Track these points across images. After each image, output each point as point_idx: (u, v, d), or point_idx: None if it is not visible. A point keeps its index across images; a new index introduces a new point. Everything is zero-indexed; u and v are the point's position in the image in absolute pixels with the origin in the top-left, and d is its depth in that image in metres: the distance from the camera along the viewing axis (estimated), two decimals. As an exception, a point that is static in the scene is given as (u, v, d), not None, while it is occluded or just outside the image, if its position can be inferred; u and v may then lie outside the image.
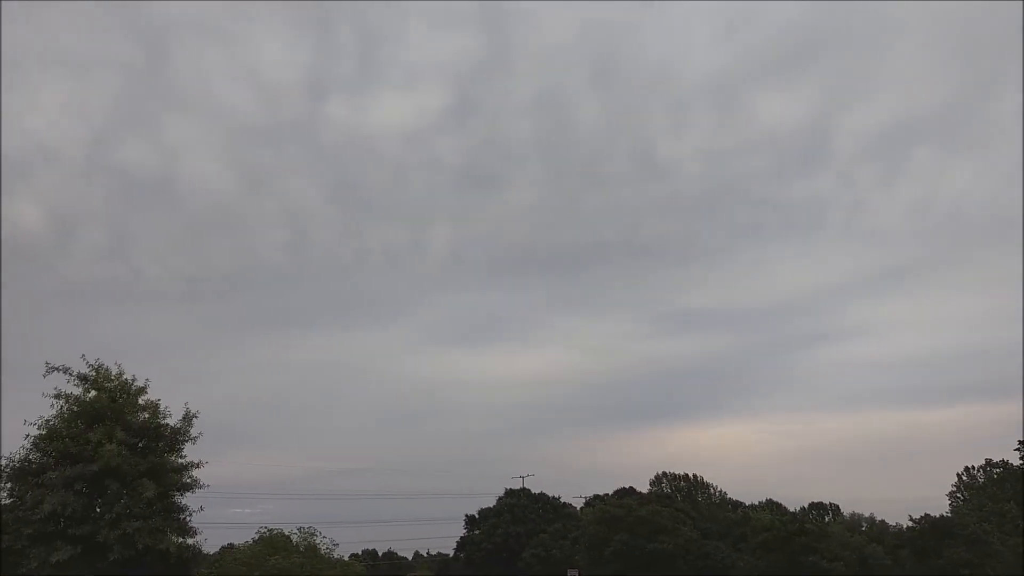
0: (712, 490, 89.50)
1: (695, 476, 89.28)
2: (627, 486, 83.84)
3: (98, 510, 23.71)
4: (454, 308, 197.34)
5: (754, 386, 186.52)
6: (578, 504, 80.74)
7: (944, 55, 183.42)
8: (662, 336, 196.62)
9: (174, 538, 24.67)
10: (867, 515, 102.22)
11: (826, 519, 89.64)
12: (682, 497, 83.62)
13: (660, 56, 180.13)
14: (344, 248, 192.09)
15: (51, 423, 24.28)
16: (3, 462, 23.87)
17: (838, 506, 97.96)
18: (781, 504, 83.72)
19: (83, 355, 25.40)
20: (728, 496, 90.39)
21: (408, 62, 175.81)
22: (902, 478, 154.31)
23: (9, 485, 23.76)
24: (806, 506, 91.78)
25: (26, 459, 23.97)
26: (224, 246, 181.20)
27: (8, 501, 23.71)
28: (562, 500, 75.82)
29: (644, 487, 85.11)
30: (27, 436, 24.27)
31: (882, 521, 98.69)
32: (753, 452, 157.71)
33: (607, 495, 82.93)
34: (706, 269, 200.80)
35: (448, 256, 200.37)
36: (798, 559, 53.49)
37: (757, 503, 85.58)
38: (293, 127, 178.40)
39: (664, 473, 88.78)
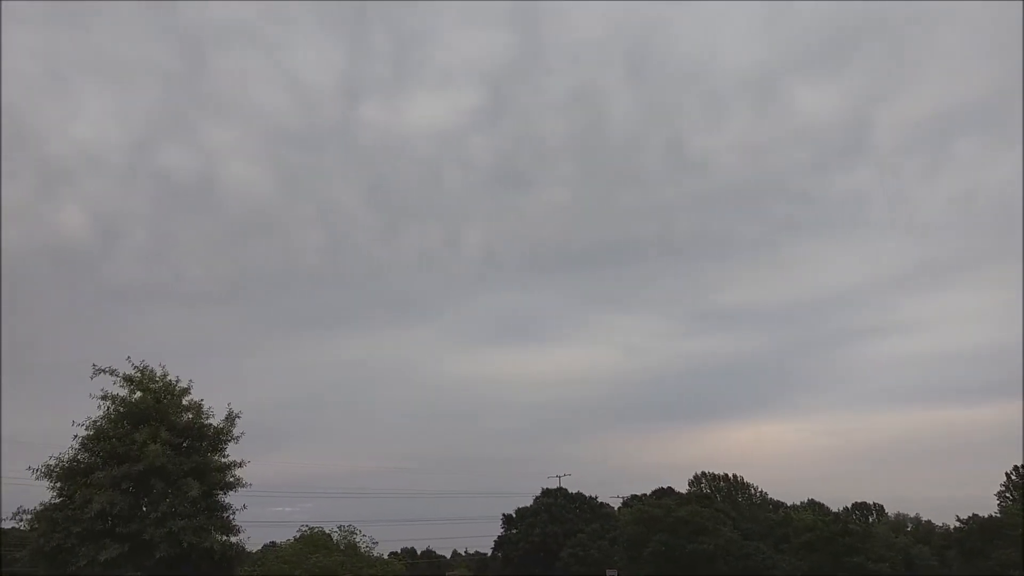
0: (752, 490, 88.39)
1: (734, 476, 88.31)
2: (665, 486, 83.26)
3: (144, 509, 24.15)
4: (489, 307, 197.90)
5: (794, 384, 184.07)
6: (615, 504, 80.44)
7: (987, 44, 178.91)
8: (699, 334, 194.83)
9: (218, 536, 25.02)
10: (912, 515, 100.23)
11: (870, 519, 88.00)
12: (722, 497, 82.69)
13: (694, 50, 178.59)
14: (380, 249, 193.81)
15: (98, 424, 24.85)
16: (52, 462, 24.47)
17: (882, 506, 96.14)
18: (823, 504, 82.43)
19: (128, 357, 25.95)
20: (769, 496, 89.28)
21: (441, 62, 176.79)
22: (948, 477, 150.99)
23: (59, 485, 24.31)
24: (849, 506, 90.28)
25: (74, 459, 24.52)
26: (263, 248, 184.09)
27: (58, 500, 24.27)
28: (599, 500, 75.57)
29: (682, 487, 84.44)
30: (75, 436, 24.88)
31: (928, 521, 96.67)
32: (794, 451, 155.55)
33: (645, 495, 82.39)
34: (743, 265, 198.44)
35: (482, 255, 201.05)
36: (842, 560, 52.56)
37: (799, 503, 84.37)
38: (329, 130, 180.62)
39: (703, 473, 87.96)
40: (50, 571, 23.91)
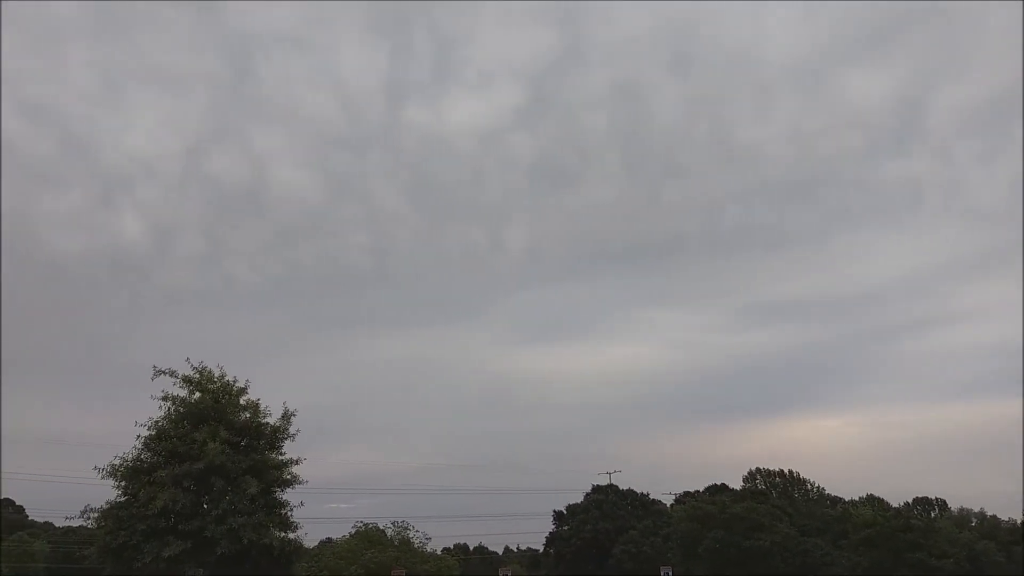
0: (809, 486, 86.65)
1: (790, 471, 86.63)
2: (718, 483, 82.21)
3: (205, 506, 24.72)
4: (533, 305, 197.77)
5: (850, 377, 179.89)
6: (667, 501, 79.69)
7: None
8: (750, 328, 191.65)
9: (277, 533, 25.49)
10: (977, 510, 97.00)
11: (932, 515, 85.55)
12: (777, 493, 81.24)
13: (740, 40, 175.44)
14: (424, 249, 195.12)
15: (160, 424, 25.52)
16: (117, 461, 25.18)
17: (945, 501, 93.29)
18: (883, 499, 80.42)
19: (187, 358, 26.61)
20: (826, 492, 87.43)
21: (482, 62, 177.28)
22: (1015, 471, 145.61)
23: (123, 484, 24.99)
24: (910, 501, 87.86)
25: (138, 458, 25.22)
26: (311, 250, 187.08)
27: (123, 499, 24.96)
28: (650, 497, 74.91)
29: (736, 483, 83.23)
30: (138, 437, 25.61)
31: (994, 516, 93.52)
32: (850, 445, 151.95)
33: (698, 492, 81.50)
34: (795, 257, 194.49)
35: (525, 253, 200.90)
36: (903, 556, 51.23)
37: (857, 498, 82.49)
38: (373, 132, 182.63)
39: (758, 469, 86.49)
40: (116, 568, 24.63)
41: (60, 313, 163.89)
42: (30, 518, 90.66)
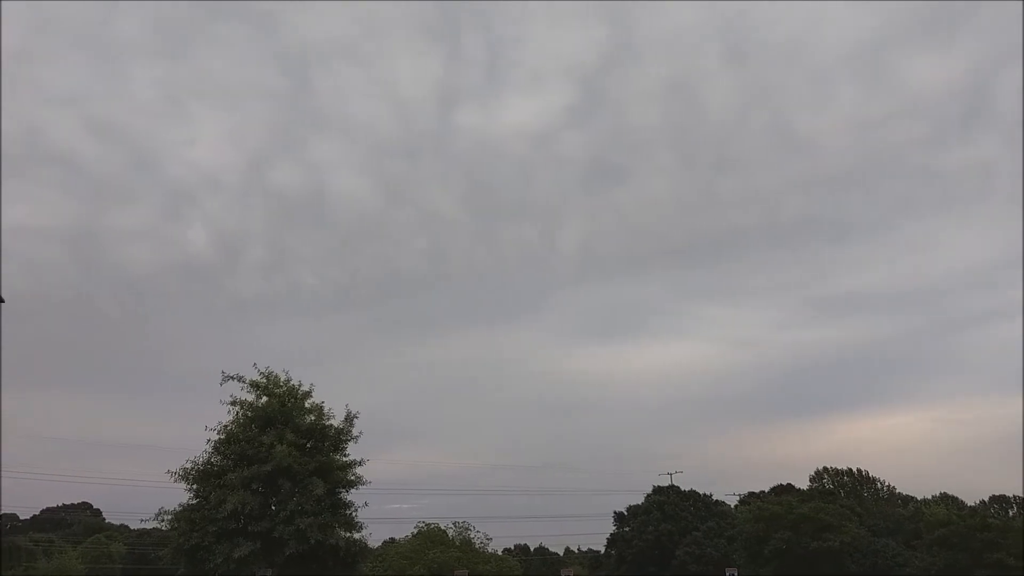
0: (879, 484, 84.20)
1: (859, 470, 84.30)
2: (784, 483, 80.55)
3: (273, 508, 25.26)
4: (589, 304, 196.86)
5: (919, 371, 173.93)
6: (731, 502, 78.41)
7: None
8: (814, 323, 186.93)
9: (342, 533, 25.90)
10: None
11: (1010, 513, 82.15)
12: (846, 493, 79.20)
13: (795, 27, 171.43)
14: (478, 250, 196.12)
15: (229, 428, 26.21)
16: (189, 465, 25.95)
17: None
18: (957, 497, 77.66)
19: (255, 363, 27.27)
20: (896, 491, 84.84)
21: (532, 63, 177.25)
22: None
23: (195, 486, 25.73)
24: (986, 499, 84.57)
25: (208, 462, 25.95)
26: (370, 256, 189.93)
27: (195, 501, 25.69)
28: (713, 498, 73.79)
29: (802, 483, 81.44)
30: (208, 441, 26.34)
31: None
32: (921, 442, 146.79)
33: (763, 492, 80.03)
34: (859, 249, 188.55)
35: (579, 252, 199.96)
36: (981, 557, 49.25)
37: (930, 497, 79.83)
38: (427, 137, 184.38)
39: (825, 468, 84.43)
40: (190, 568, 25.37)
41: (133, 323, 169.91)
42: (107, 521, 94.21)
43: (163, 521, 26.09)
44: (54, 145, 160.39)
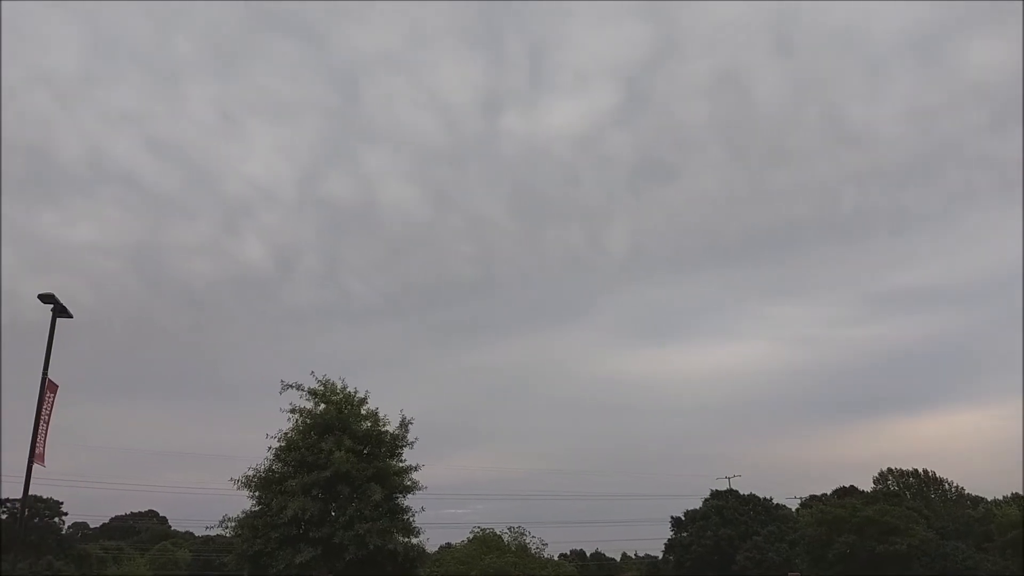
0: (946, 485, 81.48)
1: (925, 471, 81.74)
2: (847, 485, 78.58)
3: (333, 513, 25.65)
4: (639, 305, 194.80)
5: (986, 367, 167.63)
6: (792, 505, 76.81)
7: None
8: (874, 319, 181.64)
9: (400, 538, 26.13)
10: None
11: (1089, 516, 78.58)
12: (912, 494, 76.84)
13: (847, 14, 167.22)
14: (526, 254, 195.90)
15: (289, 435, 26.72)
16: (251, 472, 26.53)
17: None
18: (1031, 499, 74.43)
19: (312, 371, 27.79)
20: (965, 491, 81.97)
21: (576, 64, 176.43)
22: None
23: (257, 493, 26.28)
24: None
25: (270, 469, 26.47)
26: (419, 263, 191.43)
27: (257, 508, 26.23)
28: (773, 501, 72.41)
29: (866, 485, 79.30)
30: (269, 448, 26.89)
31: None
32: (992, 440, 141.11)
33: (825, 495, 78.27)
34: (920, 241, 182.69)
35: (628, 252, 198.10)
36: (1059, 561, 47.37)
37: (1001, 498, 76.80)
38: (472, 144, 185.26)
39: (889, 469, 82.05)
40: (253, 574, 25.90)
41: (194, 335, 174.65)
42: (173, 528, 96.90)
43: (227, 528, 26.71)
44: (116, 164, 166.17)
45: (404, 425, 27.87)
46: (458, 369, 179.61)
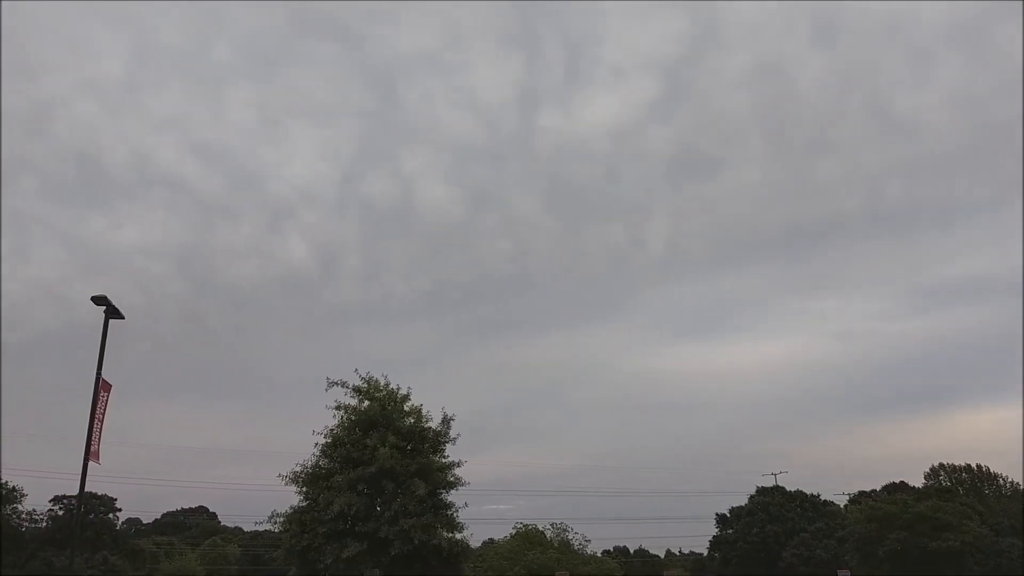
0: (1001, 481, 79.29)
1: (978, 466, 79.66)
2: (896, 480, 76.96)
3: (378, 508, 25.95)
4: (680, 300, 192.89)
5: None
6: (840, 501, 75.54)
7: None
8: (923, 312, 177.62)
9: (444, 533, 26.32)
10: None
11: None
12: (964, 490, 74.96)
13: (889, 4, 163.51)
14: (563, 251, 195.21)
15: (334, 432, 27.11)
16: (298, 468, 26.99)
17: None
18: (1091, 495, 71.98)
19: (356, 369, 28.23)
20: (1021, 487, 79.62)
21: (613, 59, 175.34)
22: None
23: (304, 489, 26.71)
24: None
25: (316, 465, 26.91)
26: (458, 261, 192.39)
27: (305, 503, 26.66)
28: (821, 497, 71.27)
29: (915, 481, 77.58)
30: (316, 444, 27.32)
31: None
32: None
33: (874, 491, 76.84)
34: (971, 232, 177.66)
35: (667, 248, 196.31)
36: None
37: (1060, 494, 74.40)
38: (509, 142, 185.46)
39: (941, 464, 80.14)
40: (302, 569, 26.32)
41: (239, 334, 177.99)
42: (222, 524, 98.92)
43: (275, 523, 27.19)
44: (161, 169, 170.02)
45: (446, 421, 28.10)
46: (497, 366, 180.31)
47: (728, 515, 71.88)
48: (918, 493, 61.19)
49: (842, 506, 72.77)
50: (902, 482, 76.06)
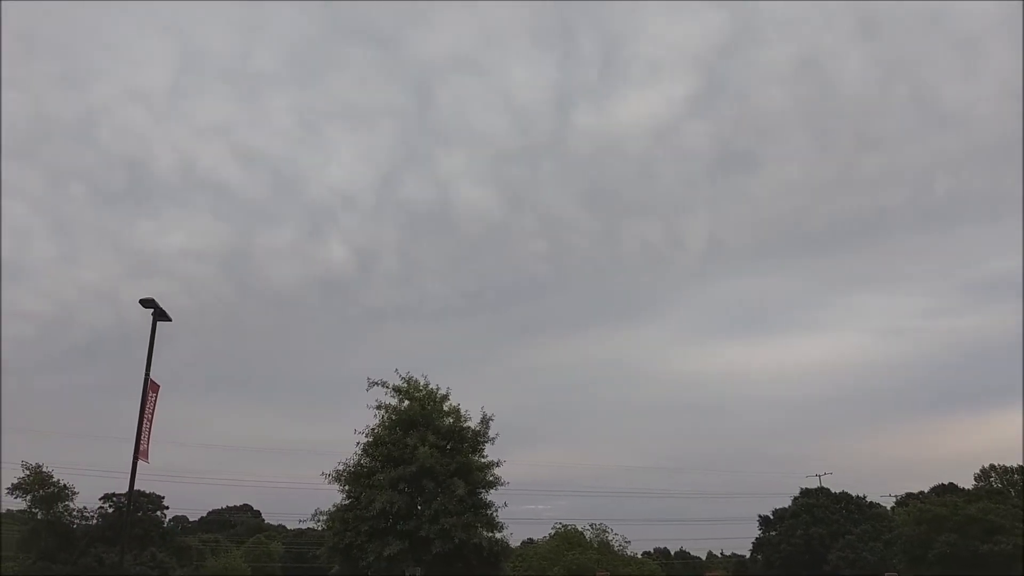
0: (1056, 484, 76.87)
1: (1032, 468, 77.27)
2: (945, 482, 75.07)
3: (419, 507, 26.13)
4: (720, 299, 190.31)
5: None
6: (887, 503, 74.02)
7: None
8: (973, 309, 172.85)
9: (484, 532, 26.38)
10: None
11: None
12: (1017, 492, 72.78)
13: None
14: (600, 251, 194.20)
15: (375, 431, 27.37)
16: (340, 467, 27.31)
17: None
18: None
19: (396, 369, 28.50)
20: (1078, 491, 77.08)
21: (649, 56, 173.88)
22: None
23: (347, 487, 27.00)
24: None
25: (358, 464, 27.19)
26: (494, 262, 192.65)
27: (347, 502, 26.95)
28: (867, 499, 69.89)
29: (965, 483, 75.51)
30: (358, 443, 27.60)
31: None
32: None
33: (922, 493, 75.12)
34: (1017, 226, 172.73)
35: (707, 246, 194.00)
36: None
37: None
38: (544, 142, 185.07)
39: (992, 466, 77.86)
40: (345, 567, 26.61)
41: (281, 335, 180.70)
42: (266, 521, 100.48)
43: (319, 521, 27.54)
44: (206, 174, 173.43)
45: (485, 421, 28.20)
46: (534, 366, 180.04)
47: (771, 517, 70.89)
48: (968, 495, 59.59)
49: (889, 508, 71.32)
50: (951, 484, 74.15)
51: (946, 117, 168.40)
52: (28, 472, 47.95)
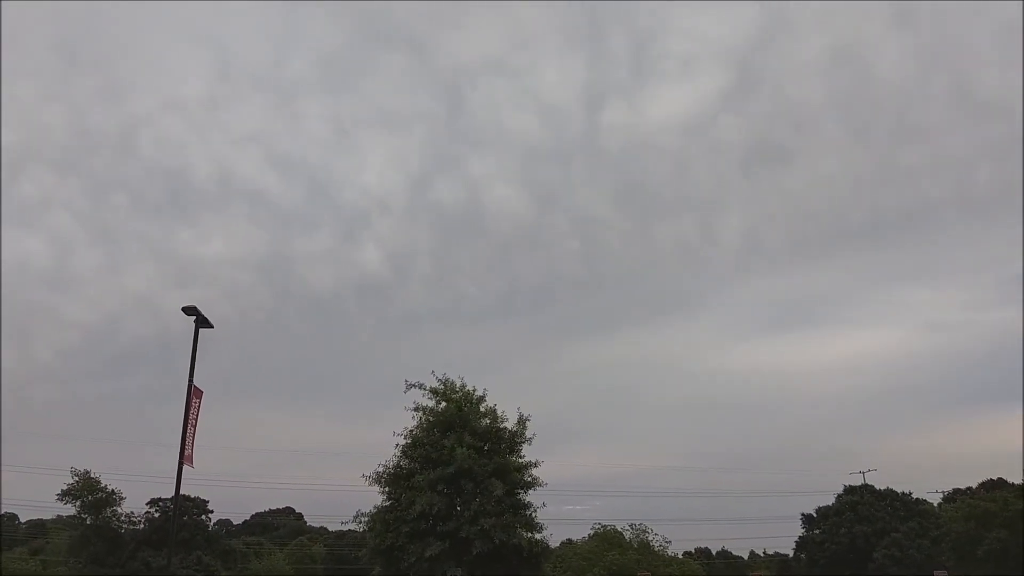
0: (1111, 477, 74.69)
1: (1084, 462, 75.27)
2: (994, 477, 73.39)
3: (458, 508, 26.26)
4: (756, 295, 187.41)
5: None
6: (933, 500, 72.48)
7: None
8: (1017, 300, 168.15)
9: (524, 533, 26.42)
10: None
11: None
12: (1069, 487, 70.89)
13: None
14: (634, 249, 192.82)
15: (414, 433, 27.58)
16: (381, 469, 27.57)
17: None
18: None
19: (432, 371, 28.64)
20: None
21: (680, 51, 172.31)
22: None
23: (387, 489, 27.24)
24: None
25: (398, 465, 27.44)
26: (527, 263, 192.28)
27: (388, 503, 27.18)
28: (913, 496, 68.52)
29: (1015, 478, 73.71)
30: (397, 445, 27.85)
31: None
32: None
33: (970, 488, 73.52)
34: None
35: (743, 242, 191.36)
36: None
37: None
38: (575, 141, 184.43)
39: (1042, 460, 76.08)
40: (386, 568, 26.85)
41: (319, 339, 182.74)
42: (308, 524, 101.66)
43: (360, 523, 27.82)
44: (243, 182, 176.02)
45: (522, 422, 28.22)
46: (569, 367, 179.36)
47: (815, 515, 69.84)
48: (1019, 490, 58.21)
49: (936, 505, 69.91)
50: (1000, 479, 72.51)
51: (986, 106, 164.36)
52: (77, 478, 49.13)
